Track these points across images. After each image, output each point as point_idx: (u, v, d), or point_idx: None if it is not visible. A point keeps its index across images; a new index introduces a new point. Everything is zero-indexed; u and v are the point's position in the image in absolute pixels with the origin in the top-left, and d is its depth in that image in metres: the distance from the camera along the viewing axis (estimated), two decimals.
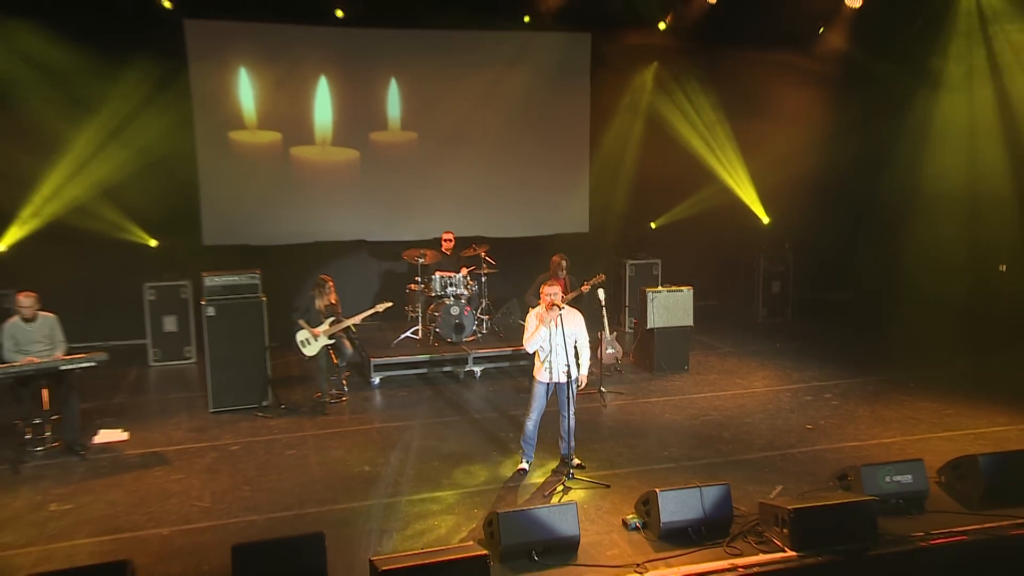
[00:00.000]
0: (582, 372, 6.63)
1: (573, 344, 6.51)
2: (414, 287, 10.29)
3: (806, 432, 7.67)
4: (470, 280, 10.06)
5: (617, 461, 6.95)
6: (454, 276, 9.86)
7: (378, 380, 9.31)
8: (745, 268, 13.19)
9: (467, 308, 9.84)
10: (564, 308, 6.49)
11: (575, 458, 6.70)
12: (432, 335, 9.89)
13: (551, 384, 6.56)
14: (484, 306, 10.55)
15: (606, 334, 9.33)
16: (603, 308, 9.03)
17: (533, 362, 6.68)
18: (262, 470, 6.85)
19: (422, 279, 10.18)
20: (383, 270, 11.99)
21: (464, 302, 9.84)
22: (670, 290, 9.76)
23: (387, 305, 8.77)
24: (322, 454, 7.21)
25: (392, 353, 9.64)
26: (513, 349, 9.62)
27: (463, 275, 9.93)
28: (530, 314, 6.62)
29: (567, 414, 6.47)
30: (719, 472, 6.60)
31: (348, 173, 11.74)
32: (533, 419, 6.62)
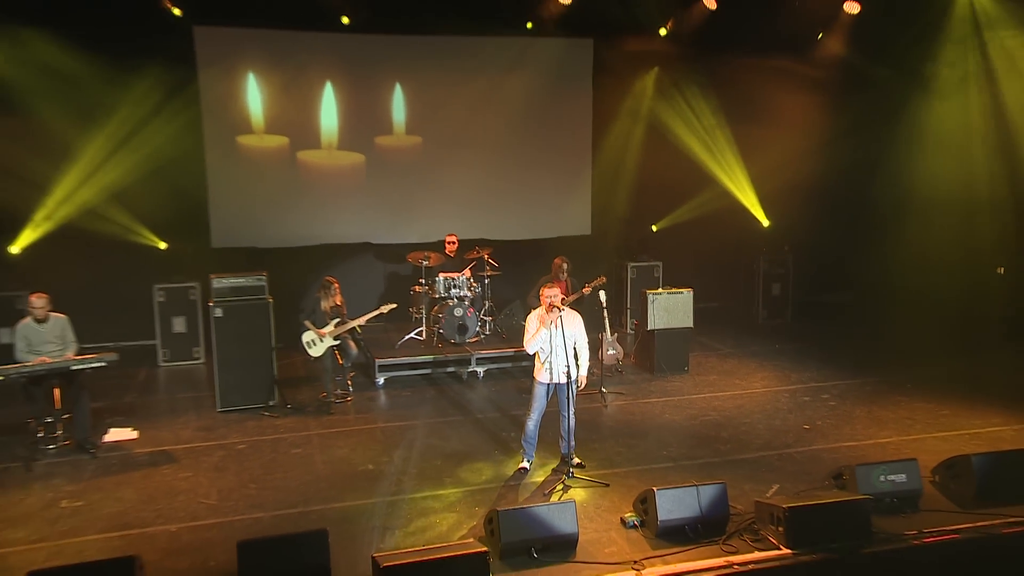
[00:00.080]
0: (581, 373, 6.69)
1: (573, 345, 6.56)
2: (418, 289, 10.35)
3: (803, 432, 7.74)
4: (473, 282, 10.12)
5: (616, 460, 7.02)
6: (458, 278, 9.91)
7: (382, 380, 9.39)
8: (745, 270, 13.24)
9: (470, 310, 9.90)
10: (564, 310, 6.56)
11: (575, 457, 6.77)
12: (436, 336, 9.97)
13: (551, 385, 6.63)
14: (487, 308, 10.63)
15: (607, 335, 9.42)
16: (604, 310, 9.12)
17: (534, 363, 6.77)
18: (268, 468, 6.93)
19: (426, 281, 10.23)
20: (388, 272, 12.06)
21: (467, 304, 9.91)
22: (671, 292, 9.84)
23: (391, 307, 8.86)
24: (327, 453, 7.29)
25: (396, 354, 9.71)
26: (515, 350, 9.66)
27: (466, 276, 9.99)
28: (530, 316, 6.69)
29: (567, 414, 6.53)
30: (717, 471, 6.67)
31: (354, 177, 11.82)
32: (534, 419, 6.69)
